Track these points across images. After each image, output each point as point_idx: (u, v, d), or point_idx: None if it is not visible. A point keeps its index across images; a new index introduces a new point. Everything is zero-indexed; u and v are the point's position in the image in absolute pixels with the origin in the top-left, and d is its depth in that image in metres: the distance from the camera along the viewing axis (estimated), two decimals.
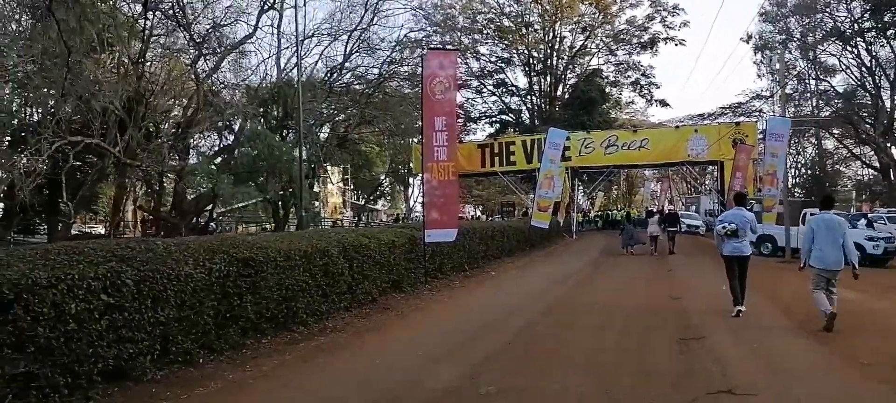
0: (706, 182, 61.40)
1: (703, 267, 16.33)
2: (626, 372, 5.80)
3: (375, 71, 29.44)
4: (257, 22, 23.48)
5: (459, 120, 48.29)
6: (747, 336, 7.44)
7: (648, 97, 47.02)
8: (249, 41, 24.12)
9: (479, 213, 68.25)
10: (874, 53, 36.06)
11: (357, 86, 30.04)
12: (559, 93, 46.32)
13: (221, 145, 27.25)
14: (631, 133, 33.70)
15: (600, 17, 43.66)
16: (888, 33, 30.73)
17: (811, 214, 13.60)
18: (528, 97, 47.07)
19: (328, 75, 28.53)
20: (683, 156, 31.73)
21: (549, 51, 45.12)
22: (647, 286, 12.74)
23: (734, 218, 9.13)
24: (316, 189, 39.96)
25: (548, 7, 42.97)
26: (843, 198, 56.61)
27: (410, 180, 47.36)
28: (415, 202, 48.81)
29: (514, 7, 43.69)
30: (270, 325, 7.16)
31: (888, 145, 37.47)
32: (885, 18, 27.57)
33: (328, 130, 32.98)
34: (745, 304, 8.82)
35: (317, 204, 40.72)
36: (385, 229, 12.93)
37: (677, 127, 32.27)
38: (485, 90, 47.70)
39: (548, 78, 45.94)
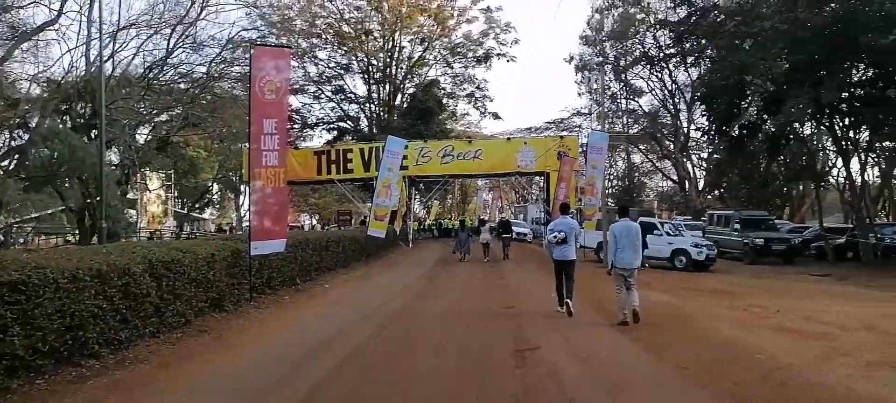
0: (533, 191, 65.37)
1: (533, 272, 16.97)
2: (467, 398, 5.51)
3: (203, 70, 27.13)
4: (62, 6, 20.57)
5: (295, 125, 46.70)
6: (577, 343, 7.57)
7: (482, 109, 48.80)
8: (52, 27, 21.05)
9: (314, 223, 66.37)
10: (675, 78, 40.79)
11: (182, 86, 27.46)
12: (397, 102, 46.45)
13: (12, 145, 23.42)
14: (466, 143, 34.66)
15: (438, 30, 44.49)
16: (687, 60, 34.72)
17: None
18: (367, 105, 46.64)
19: (147, 71, 25.73)
20: (514, 166, 33.27)
21: (388, 59, 45.10)
22: (483, 296, 12.83)
23: (563, 226, 10.09)
24: (131, 196, 36.13)
25: (388, 16, 42.92)
26: (646, 209, 63.41)
27: (242, 187, 44.55)
28: (246, 211, 46.14)
29: (355, 14, 43.13)
30: (49, 361, 5.90)
31: (684, 160, 42.31)
32: (686, 46, 31.15)
33: (147, 132, 29.89)
34: (574, 308, 9.55)
35: (131, 213, 36.83)
36: (205, 240, 11.70)
37: (509, 139, 33.78)
38: (323, 96, 46.55)
39: (386, 86, 45.89)
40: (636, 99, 46.62)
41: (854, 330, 8.44)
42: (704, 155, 43.16)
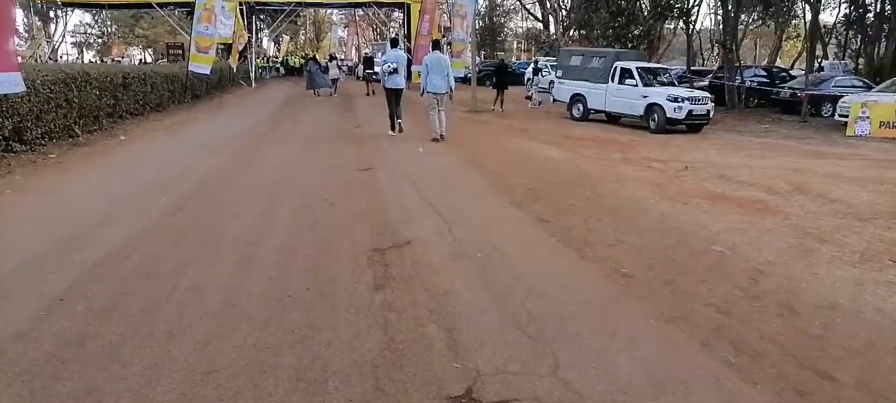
0: (391, 28, 60.93)
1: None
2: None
3: None
4: None
5: None
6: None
7: None
8: None
9: (146, 58, 57.94)
10: None
11: None
12: None
13: None
14: None
15: None
16: None
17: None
18: None
19: None
20: None
21: None
22: (331, 150, 10.06)
23: (393, 58, 11.51)
24: None
25: None
26: (508, 48, 61.94)
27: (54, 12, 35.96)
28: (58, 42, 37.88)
29: None
30: None
31: None
32: None
33: None
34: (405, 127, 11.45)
35: None
36: None
37: None
38: None
39: None
40: None
41: (789, 194, 6.89)
42: None
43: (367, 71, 24.86)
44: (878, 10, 28.28)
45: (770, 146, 12.92)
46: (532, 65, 27.71)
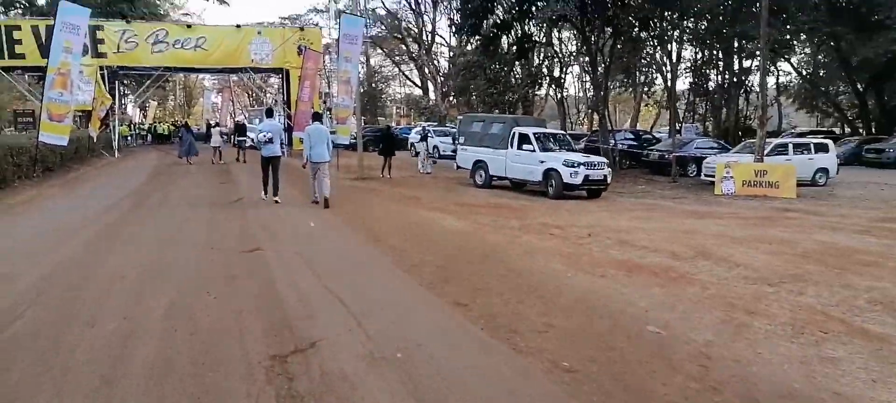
0: (268, 94, 59.37)
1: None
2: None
3: None
4: None
5: None
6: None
7: None
8: None
9: None
10: None
11: None
12: None
13: None
14: (184, 28, 28.42)
15: None
16: None
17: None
18: None
19: None
20: (247, 61, 28.31)
21: None
22: (210, 228, 9.01)
23: (268, 128, 12.05)
24: None
25: None
26: (387, 113, 62.35)
27: None
28: None
29: None
30: None
31: (430, 61, 41.15)
32: None
33: None
34: (281, 196, 11.64)
35: None
36: None
37: (238, 26, 28.33)
38: None
39: None
40: None
41: (693, 259, 6.91)
42: (446, 59, 42.63)
43: (239, 138, 24.96)
44: (719, 81, 31.63)
45: (652, 207, 13.45)
46: (419, 130, 27.72)
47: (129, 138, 39.21)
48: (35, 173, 15.59)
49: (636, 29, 19.42)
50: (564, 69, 31.15)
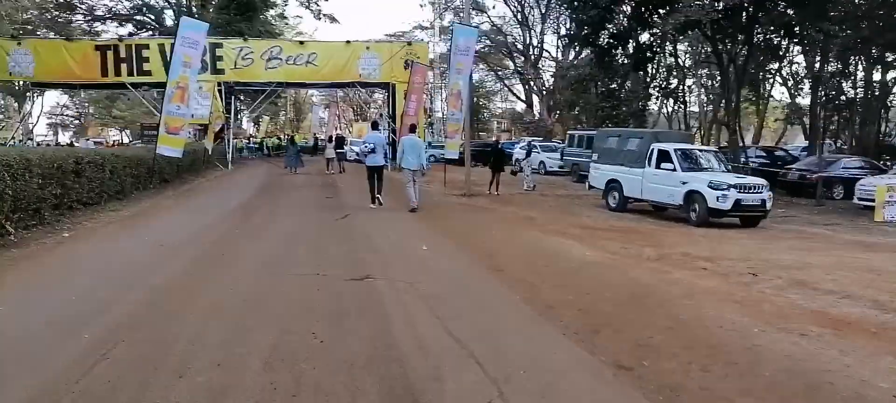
0: (373, 108, 60.25)
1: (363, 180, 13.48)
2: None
3: None
4: None
5: (76, 16, 37.11)
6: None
7: (316, 11, 41.95)
8: None
9: (123, 139, 56.49)
10: None
11: None
12: None
13: None
14: (297, 45, 28.87)
15: None
16: None
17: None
18: None
19: None
20: (354, 75, 28.31)
21: None
22: (317, 249, 8.37)
23: (372, 139, 12.84)
24: None
25: None
26: (488, 129, 61.60)
27: (31, 93, 33.49)
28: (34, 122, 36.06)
29: None
30: None
31: (537, 75, 39.92)
32: None
33: None
34: (384, 201, 12.61)
35: None
36: None
37: (348, 42, 28.47)
38: None
39: None
40: (482, 11, 43.17)
41: None
42: (552, 71, 41.16)
43: (337, 150, 26.35)
44: (855, 95, 28.07)
45: (805, 235, 11.59)
46: (524, 145, 26.60)
47: (242, 151, 40.83)
48: (152, 184, 15.93)
49: (778, 37, 17.30)
50: (683, 82, 28.87)
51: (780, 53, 21.09)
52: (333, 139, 28.08)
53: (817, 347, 4.32)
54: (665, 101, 32.04)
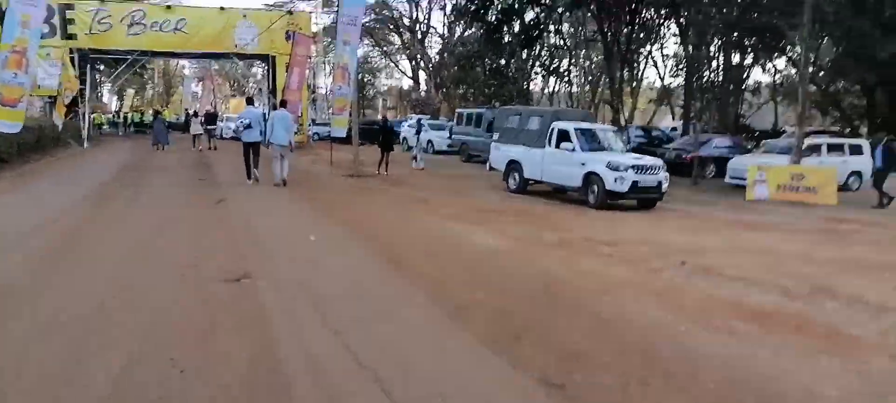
0: (251, 84, 56.89)
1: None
2: None
3: None
4: None
5: None
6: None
7: None
8: None
9: None
10: None
11: None
12: None
13: None
14: (163, 9, 26.24)
15: None
16: None
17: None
18: None
19: None
20: (230, 46, 26.27)
21: None
22: (188, 239, 7.24)
23: (248, 116, 12.86)
24: None
25: None
26: (376, 105, 60.35)
27: None
28: None
29: None
30: None
31: (424, 51, 39.28)
32: None
33: None
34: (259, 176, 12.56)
35: None
36: None
37: (222, 8, 26.27)
38: None
39: None
40: None
41: (812, 297, 5.30)
42: (439, 47, 40.69)
43: (209, 127, 26.16)
44: (712, 78, 29.97)
45: (687, 215, 11.85)
46: (413, 123, 25.96)
47: (102, 127, 36.98)
48: None
49: (660, 18, 17.81)
50: (571, 61, 29.40)
51: (658, 35, 21.84)
52: (202, 115, 26.84)
53: (750, 348, 4.02)
54: (547, 81, 32.60)
